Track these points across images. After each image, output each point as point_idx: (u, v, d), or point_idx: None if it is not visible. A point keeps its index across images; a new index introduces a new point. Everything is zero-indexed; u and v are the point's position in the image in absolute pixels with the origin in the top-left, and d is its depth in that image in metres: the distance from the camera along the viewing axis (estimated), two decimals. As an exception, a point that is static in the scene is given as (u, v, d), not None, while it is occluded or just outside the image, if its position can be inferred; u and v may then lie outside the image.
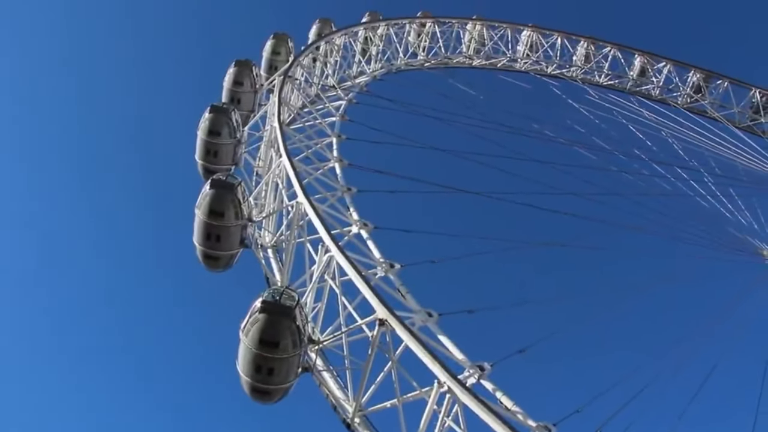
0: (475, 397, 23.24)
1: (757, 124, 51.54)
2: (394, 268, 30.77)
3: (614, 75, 55.55)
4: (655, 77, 54.28)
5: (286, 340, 23.44)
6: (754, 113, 51.72)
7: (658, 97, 54.07)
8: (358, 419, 26.30)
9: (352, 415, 26.29)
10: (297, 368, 24.80)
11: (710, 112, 51.82)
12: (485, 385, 27.21)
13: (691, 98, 53.05)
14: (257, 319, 23.17)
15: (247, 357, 23.38)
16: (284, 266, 30.55)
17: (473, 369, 26.84)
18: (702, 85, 52.78)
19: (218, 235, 29.06)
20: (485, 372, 27.04)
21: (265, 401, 24.56)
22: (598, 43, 56.06)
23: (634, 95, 53.26)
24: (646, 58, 54.42)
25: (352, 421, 26.29)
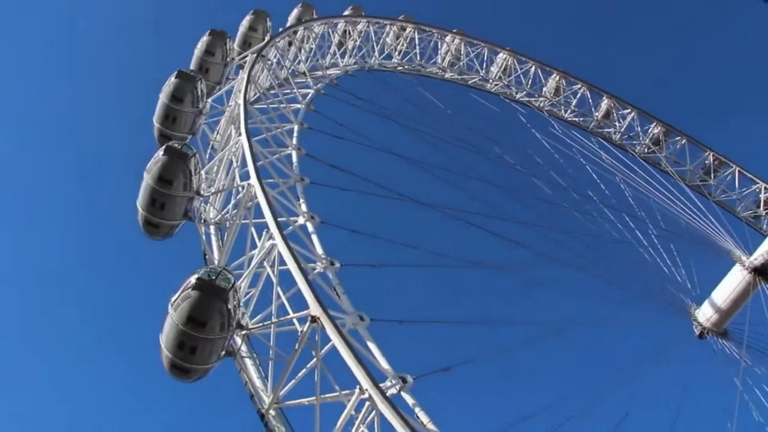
0: (394, 408, 23.17)
1: (705, 185, 52.91)
2: (333, 266, 30.58)
3: (580, 113, 56.32)
4: (618, 122, 55.22)
5: (215, 321, 22.97)
6: (705, 174, 53.08)
7: (617, 141, 54.99)
8: (273, 411, 25.98)
9: (268, 406, 25.97)
10: (220, 351, 24.32)
11: (664, 165, 52.97)
12: (405, 397, 27.22)
13: (649, 149, 54.16)
14: (189, 295, 22.66)
15: (171, 332, 22.83)
16: (224, 246, 30.05)
17: (396, 380, 26.82)
18: (661, 138, 53.93)
19: (163, 203, 28.34)
20: (407, 384, 27.04)
21: (182, 379, 24.03)
22: (570, 79, 56.80)
23: (596, 136, 54.07)
24: (613, 102, 55.36)
25: (267, 413, 25.96)
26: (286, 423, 25.86)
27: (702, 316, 38.83)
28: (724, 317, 38.29)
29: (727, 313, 38.04)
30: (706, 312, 38.53)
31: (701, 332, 38.85)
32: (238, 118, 32.63)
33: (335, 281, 30.33)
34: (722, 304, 37.92)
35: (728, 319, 38.45)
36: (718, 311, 38.17)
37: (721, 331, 38.66)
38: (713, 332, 38.71)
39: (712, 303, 38.61)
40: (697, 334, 38.99)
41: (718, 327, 38.57)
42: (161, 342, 23.31)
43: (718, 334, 38.56)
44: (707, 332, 38.70)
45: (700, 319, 39.08)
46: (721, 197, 52.44)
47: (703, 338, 38.84)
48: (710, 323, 38.51)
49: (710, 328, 38.68)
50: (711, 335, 38.58)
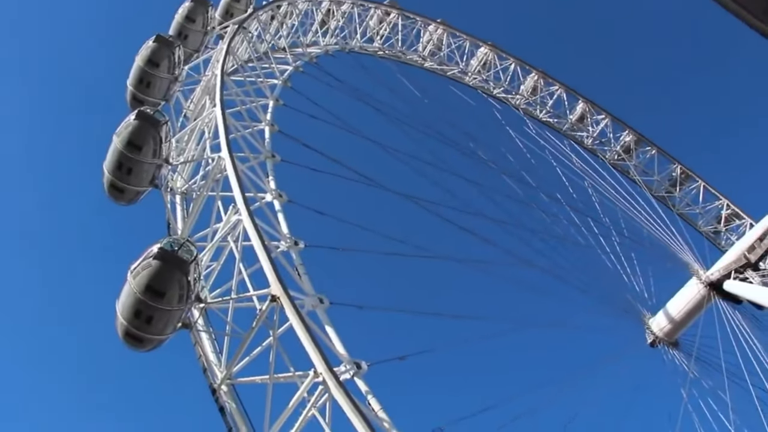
0: (346, 394, 23.18)
1: (670, 196, 53.66)
2: (297, 246, 30.46)
3: (555, 114, 56.63)
4: (591, 127, 55.65)
5: (174, 292, 22.72)
6: (671, 186, 53.82)
7: (589, 146, 55.45)
8: (225, 387, 25.82)
9: (221, 381, 25.80)
10: (177, 323, 24.13)
11: (633, 174, 53.59)
12: (358, 383, 27.27)
13: (619, 156, 54.72)
14: (150, 264, 22.36)
15: (129, 300, 22.53)
16: (189, 216, 29.72)
17: (350, 365, 26.85)
18: (632, 147, 54.49)
19: (130, 168, 27.88)
20: (361, 370, 27.10)
21: (136, 348, 23.76)
22: (548, 80, 57.02)
23: (568, 138, 54.46)
24: (588, 107, 55.76)
25: (219, 388, 25.80)
26: (237, 400, 25.73)
27: (655, 325, 39.49)
28: (677, 328, 38.99)
29: (679, 324, 38.74)
30: (659, 322, 39.20)
31: (653, 341, 39.52)
32: (213, 88, 32.23)
33: (298, 261, 30.22)
34: (676, 315, 38.61)
35: (680, 331, 39.17)
36: (672, 322, 38.86)
37: (672, 341, 39.38)
38: (665, 342, 39.40)
39: (666, 313, 39.28)
40: (649, 342, 39.63)
41: (669, 337, 39.28)
42: (117, 309, 23.00)
43: (670, 344, 39.26)
44: (659, 341, 39.37)
45: (653, 328, 39.72)
46: (684, 210, 53.26)
47: (654, 347, 39.52)
48: (663, 333, 39.19)
49: (662, 338, 39.35)
50: (662, 344, 39.25)
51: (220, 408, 25.24)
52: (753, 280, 34.16)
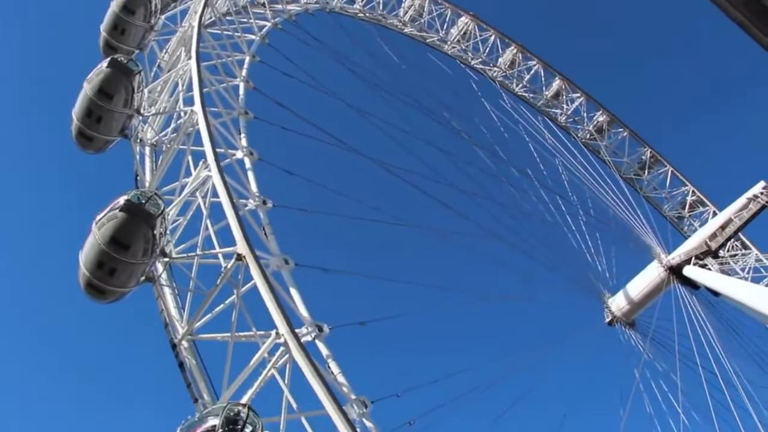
0: (307, 357, 23.27)
1: (638, 179, 54.23)
2: (265, 205, 30.29)
3: (530, 89, 56.66)
4: (566, 104, 55.83)
5: (138, 245, 22.48)
6: (640, 169, 54.37)
7: (562, 123, 55.66)
8: (186, 343, 25.78)
9: (181, 337, 25.74)
10: (140, 276, 23.92)
11: (603, 154, 53.99)
12: (319, 346, 27.40)
13: (591, 135, 55.03)
14: (116, 216, 22.04)
15: (92, 251, 22.22)
16: (158, 169, 29.31)
17: (312, 327, 26.95)
18: (605, 127, 54.81)
19: (100, 117, 27.31)
20: (323, 333, 27.23)
21: (98, 299, 23.51)
22: (527, 54, 56.90)
23: (542, 115, 54.61)
24: (565, 84, 55.87)
25: (179, 343, 25.74)
26: (197, 356, 25.73)
27: (614, 305, 40.18)
28: (635, 309, 39.72)
29: (638, 305, 39.46)
30: (618, 302, 39.90)
31: (611, 320, 40.23)
32: (190, 40, 31.56)
33: (265, 221, 30.06)
34: (635, 296, 39.29)
35: (638, 312, 39.92)
36: (630, 303, 39.57)
37: (629, 322, 40.13)
38: (622, 322, 40.12)
39: (626, 294, 39.97)
40: (607, 321, 40.33)
41: (627, 317, 40.02)
42: (80, 260, 22.70)
43: (627, 324, 40.00)
44: (617, 321, 40.09)
45: (612, 308, 40.42)
46: (651, 193, 53.88)
47: (612, 326, 40.27)
48: (621, 313, 39.91)
49: (620, 318, 40.08)
50: (620, 324, 39.99)
51: (180, 364, 25.20)
52: (712, 267, 34.89)
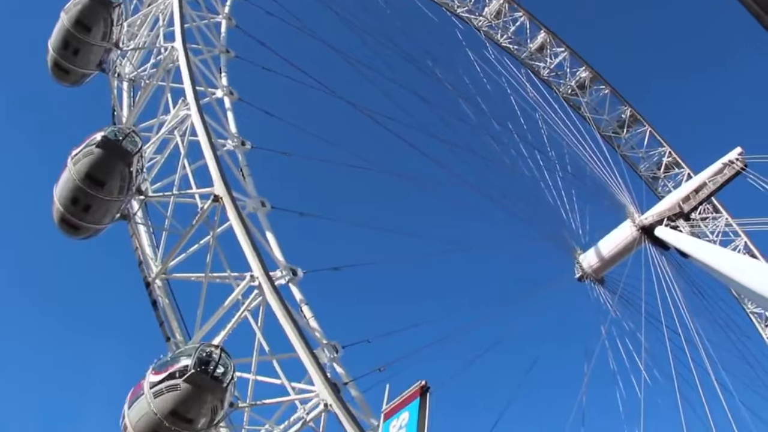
0: (280, 300, 23.45)
1: (616, 137, 54.43)
2: (244, 146, 30.09)
3: (515, 41, 56.13)
4: (549, 58, 55.50)
5: (114, 183, 22.28)
6: (619, 127, 54.51)
7: (545, 77, 55.40)
8: (159, 282, 25.83)
9: (155, 275, 25.78)
10: (115, 213, 23.81)
11: (583, 110, 53.97)
12: (293, 289, 27.58)
13: (573, 91, 54.91)
14: (92, 152, 21.77)
15: (67, 186, 22.00)
16: (135, 105, 28.86)
17: (286, 271, 27.09)
18: (587, 84, 54.66)
19: (77, 49, 26.65)
20: (297, 277, 27.37)
21: (71, 235, 23.39)
22: (513, 5, 56.20)
23: (525, 67, 54.26)
24: (549, 37, 55.39)
25: (153, 281, 25.80)
26: (170, 295, 25.82)
27: (585, 261, 40.63)
28: (605, 266, 40.24)
29: (608, 262, 39.95)
30: (589, 259, 40.35)
31: (581, 276, 40.76)
32: (171, -27, 30.70)
33: (243, 162, 29.86)
34: (606, 254, 39.76)
35: (608, 269, 40.44)
36: (601, 260, 40.04)
37: (599, 279, 40.69)
38: (592, 278, 40.68)
39: (597, 251, 40.42)
40: (577, 276, 40.87)
41: (597, 274, 40.54)
42: (54, 194, 22.49)
43: (596, 281, 40.59)
44: (587, 277, 40.64)
45: (582, 264, 40.88)
46: (628, 152, 54.18)
47: (582, 281, 40.83)
48: (591, 269, 40.39)
49: (590, 274, 40.58)
50: (589, 280, 40.58)
51: (153, 302, 25.29)
52: (683, 229, 35.33)
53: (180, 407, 18.57)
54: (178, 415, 18.65)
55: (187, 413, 18.74)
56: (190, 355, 19.05)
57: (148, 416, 18.74)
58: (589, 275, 40.22)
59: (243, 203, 27.37)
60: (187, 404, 18.63)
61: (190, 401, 18.63)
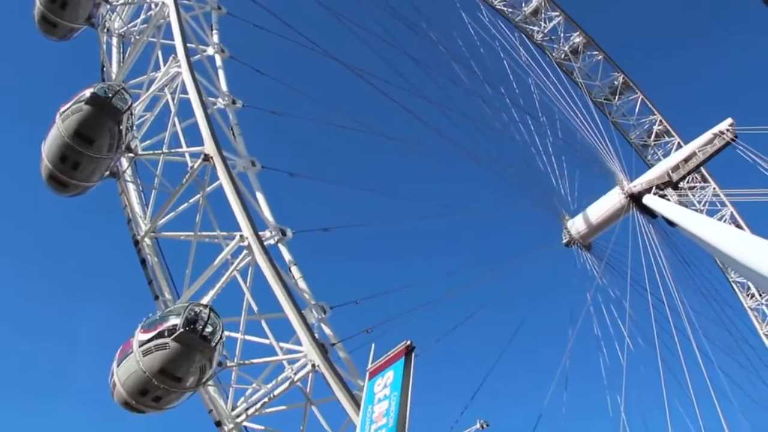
0: (269, 260, 23.55)
1: (608, 104, 54.30)
2: (234, 105, 29.88)
3: (509, 3, 55.50)
4: (544, 22, 54.99)
5: (104, 141, 22.11)
6: (611, 94, 54.33)
7: (538, 41, 54.91)
8: (148, 240, 25.86)
9: (144, 234, 25.80)
10: (104, 171, 23.69)
11: (576, 76, 53.71)
12: (282, 250, 27.67)
13: (566, 56, 54.53)
14: (81, 109, 21.52)
15: (56, 143, 21.82)
16: (125, 61, 28.52)
17: (276, 231, 27.15)
18: (580, 49, 54.23)
19: (65, 2, 26.19)
20: (286, 237, 27.44)
21: (60, 192, 23.25)
22: (509, -34, 55.46)
23: (519, 31, 53.75)
24: (544, 1, 54.82)
25: (142, 239, 25.83)
26: (159, 254, 25.87)
27: (573, 227, 40.81)
28: (592, 232, 40.43)
29: (596, 228, 40.14)
30: (577, 224, 40.50)
31: (569, 241, 40.97)
32: (162, -75, 30.06)
33: (234, 121, 29.67)
34: (594, 220, 39.91)
35: (595, 235, 40.63)
36: (589, 226, 40.22)
37: (586, 244, 40.94)
38: (579, 243, 40.91)
39: (585, 217, 40.59)
40: (564, 242, 41.09)
41: (584, 240, 40.75)
42: (43, 151, 22.31)
43: (583, 246, 40.84)
44: (574, 242, 40.87)
45: (570, 229, 41.06)
46: (619, 119, 54.09)
47: (569, 247, 41.06)
48: (578, 235, 40.59)
49: (577, 240, 40.79)
50: (576, 246, 40.81)
51: (142, 260, 25.35)
52: (671, 198, 35.47)
53: (169, 366, 18.78)
54: (167, 374, 18.88)
55: (176, 372, 18.97)
56: (179, 314, 19.20)
57: (137, 374, 18.96)
58: (577, 241, 40.40)
59: (233, 162, 27.28)
60: (176, 363, 18.84)
61: (178, 360, 18.83)
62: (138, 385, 19.04)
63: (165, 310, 20.33)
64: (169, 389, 19.08)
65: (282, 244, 27.69)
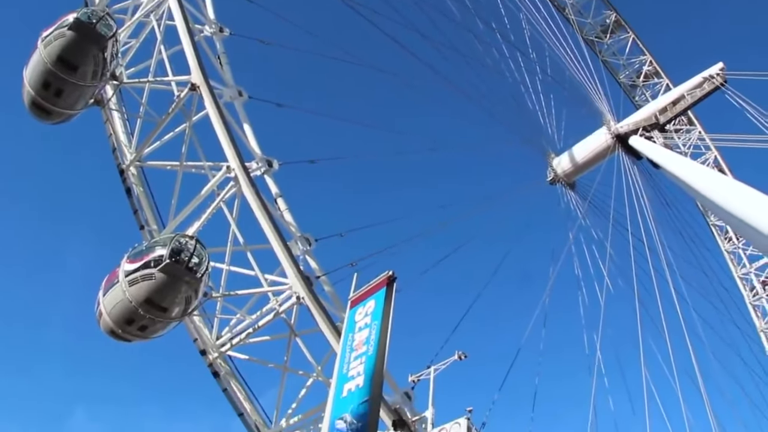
0: (256, 192, 23.60)
1: (599, 42, 53.68)
2: (222, 33, 29.43)
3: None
4: (537, -44, 53.83)
5: (88, 67, 21.64)
6: (602, 32, 53.60)
7: (531, -25, 53.90)
8: (134, 169, 25.77)
9: (130, 163, 25.68)
10: (89, 98, 23.28)
11: (568, 12, 52.81)
12: (268, 181, 27.66)
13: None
14: (64, 34, 20.98)
15: (38, 69, 21.35)
16: (109, -16, 27.71)
17: (262, 162, 27.10)
18: (573, -16, 53.49)
19: None
20: (272, 169, 27.41)
21: (43, 119, 22.90)
22: None
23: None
24: (539, -67, 53.53)
25: (128, 169, 25.74)
26: (145, 183, 25.81)
27: (558, 164, 40.92)
28: (577, 171, 40.54)
29: (581, 167, 40.24)
30: (563, 163, 40.55)
31: (553, 179, 41.14)
32: None
33: (221, 50, 29.20)
34: (579, 158, 39.99)
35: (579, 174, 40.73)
36: (574, 164, 40.31)
37: (570, 183, 41.14)
38: (563, 181, 41.09)
39: (571, 155, 40.63)
40: (549, 179, 41.25)
41: (569, 178, 40.88)
42: (25, 76, 21.85)
43: (567, 185, 41.04)
44: (558, 180, 41.05)
45: (555, 167, 41.18)
46: (609, 58, 53.62)
47: (553, 184, 41.25)
48: (563, 172, 40.73)
49: (561, 177, 40.94)
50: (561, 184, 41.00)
51: (127, 190, 25.29)
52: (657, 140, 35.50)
53: (155, 296, 18.95)
54: (153, 304, 19.07)
55: (162, 302, 19.16)
56: (165, 245, 19.23)
57: (123, 303, 19.13)
58: (561, 178, 40.54)
59: (220, 92, 26.98)
60: (162, 293, 19.00)
61: (164, 290, 18.99)
62: (124, 314, 19.24)
63: (151, 241, 20.38)
64: (155, 319, 19.30)
65: (268, 175, 27.68)
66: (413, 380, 22.73)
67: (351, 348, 18.82)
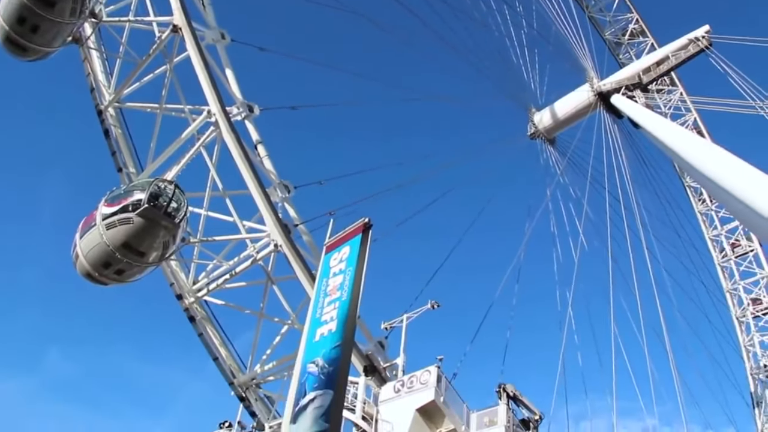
0: (237, 138, 23.43)
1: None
2: (205, -28, 28.71)
3: None
4: None
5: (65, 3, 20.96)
6: (590, -13, 53.06)
7: (523, -76, 52.89)
8: (112, 110, 25.44)
9: (108, 103, 25.33)
10: (66, 36, 22.72)
11: (557, -36, 52.19)
12: (248, 127, 27.49)
13: (549, -59, 52.74)
14: None
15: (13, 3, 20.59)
16: None
17: (243, 107, 26.94)
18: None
19: None
20: (253, 114, 27.25)
21: (17, 55, 22.25)
22: None
23: None
24: None
25: (106, 109, 25.41)
26: (123, 125, 25.48)
27: (540, 120, 40.89)
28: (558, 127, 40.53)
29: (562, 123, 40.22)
30: (544, 118, 40.50)
31: (533, 133, 41.16)
32: None
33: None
34: (560, 114, 39.92)
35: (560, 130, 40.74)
36: (555, 120, 40.25)
37: (550, 138, 41.18)
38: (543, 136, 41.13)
39: (552, 111, 40.57)
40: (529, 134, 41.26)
41: (549, 133, 40.88)
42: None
43: (547, 140, 41.09)
44: (539, 135, 41.08)
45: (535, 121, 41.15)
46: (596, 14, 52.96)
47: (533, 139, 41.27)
48: (544, 128, 40.74)
49: (542, 132, 40.97)
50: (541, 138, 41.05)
51: (105, 131, 25.01)
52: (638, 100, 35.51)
53: (132, 240, 18.92)
54: (130, 248, 19.05)
55: (139, 246, 19.14)
56: (143, 189, 19.11)
57: (100, 247, 19.09)
58: (541, 133, 40.59)
59: (202, 34, 26.51)
60: (140, 237, 18.98)
61: (142, 235, 18.96)
62: (101, 257, 19.22)
63: (129, 185, 20.28)
64: (132, 263, 19.30)
65: (249, 120, 27.52)
66: (386, 327, 23.14)
67: (325, 293, 19.01)
